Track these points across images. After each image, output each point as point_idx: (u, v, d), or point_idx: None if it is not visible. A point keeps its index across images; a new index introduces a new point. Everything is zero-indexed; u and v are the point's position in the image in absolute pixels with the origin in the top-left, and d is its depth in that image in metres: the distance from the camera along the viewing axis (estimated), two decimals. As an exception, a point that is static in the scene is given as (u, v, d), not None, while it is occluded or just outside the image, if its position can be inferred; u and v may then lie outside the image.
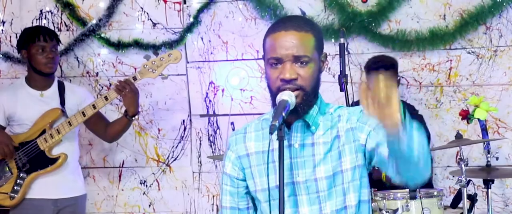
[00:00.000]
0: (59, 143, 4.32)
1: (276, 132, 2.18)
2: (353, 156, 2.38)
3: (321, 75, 2.43)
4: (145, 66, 4.29)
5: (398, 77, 4.64)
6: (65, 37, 5.18)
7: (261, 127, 2.48)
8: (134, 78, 4.30)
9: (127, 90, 4.24)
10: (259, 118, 2.52)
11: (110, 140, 4.66)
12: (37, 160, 4.29)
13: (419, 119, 4.65)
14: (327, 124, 2.42)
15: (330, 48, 4.83)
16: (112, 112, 5.10)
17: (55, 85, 4.43)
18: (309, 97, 2.35)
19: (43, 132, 4.30)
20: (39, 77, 4.38)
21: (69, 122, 4.26)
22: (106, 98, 4.27)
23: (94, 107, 4.26)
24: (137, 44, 5.11)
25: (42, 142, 4.28)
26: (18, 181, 4.30)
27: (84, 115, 4.26)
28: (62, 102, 4.38)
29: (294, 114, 2.31)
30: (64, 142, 4.33)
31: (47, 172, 4.30)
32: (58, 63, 4.47)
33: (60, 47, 5.14)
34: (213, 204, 5.13)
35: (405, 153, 2.11)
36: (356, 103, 4.63)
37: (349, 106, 4.03)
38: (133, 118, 4.36)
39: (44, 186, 4.32)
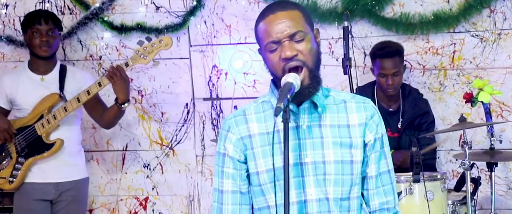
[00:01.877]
0: (57, 128, 4.33)
1: (281, 114, 2.18)
2: (362, 150, 2.43)
3: (325, 59, 2.45)
4: (137, 52, 4.29)
5: (404, 63, 4.61)
6: (68, 21, 5.18)
7: (262, 109, 2.48)
8: (126, 64, 4.29)
9: (117, 77, 4.23)
10: (256, 100, 2.53)
11: (106, 127, 4.65)
12: (34, 145, 4.32)
13: (424, 103, 4.65)
14: (332, 107, 2.44)
15: (334, 31, 4.82)
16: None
17: (56, 70, 4.43)
18: (315, 74, 2.37)
19: (41, 117, 4.31)
20: (40, 62, 4.38)
21: (65, 107, 4.27)
22: (99, 84, 4.26)
23: (88, 93, 4.26)
24: (140, 27, 5.10)
25: (40, 127, 4.29)
26: (17, 165, 4.33)
27: (78, 101, 4.26)
28: (62, 87, 4.38)
29: (304, 95, 2.34)
30: (62, 126, 4.34)
31: (44, 157, 4.32)
32: (57, 47, 4.44)
33: (63, 30, 5.15)
34: (216, 188, 5.13)
35: None
36: (360, 89, 4.63)
37: (352, 90, 4.03)
38: (123, 106, 4.34)
39: (44, 170, 4.35)
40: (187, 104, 5.16)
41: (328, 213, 2.39)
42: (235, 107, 5.03)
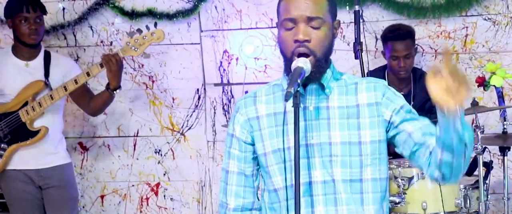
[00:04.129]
0: (41, 116, 4.31)
1: (291, 99, 2.17)
2: (375, 130, 2.38)
3: (336, 43, 2.43)
4: (128, 43, 4.27)
5: (415, 46, 4.60)
6: (79, 6, 5.18)
7: (272, 91, 2.48)
8: (117, 55, 4.28)
9: (113, 63, 4.22)
10: (269, 84, 2.53)
11: (93, 114, 4.64)
12: (18, 131, 4.29)
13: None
14: (342, 89, 2.42)
15: (345, 16, 4.79)
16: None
17: (41, 56, 4.40)
18: (320, 63, 2.35)
19: (26, 104, 4.29)
20: (25, 48, 4.34)
21: (51, 95, 4.25)
22: (88, 74, 4.24)
23: (76, 82, 4.24)
24: (151, 13, 5.09)
25: (24, 114, 4.27)
26: None
27: (65, 89, 4.25)
28: (47, 73, 4.36)
29: (307, 79, 2.32)
30: (46, 114, 4.32)
31: (27, 144, 4.29)
32: (43, 34, 4.42)
33: (74, 16, 5.17)
34: (228, 173, 5.14)
35: (456, 140, 2.14)
36: (371, 72, 4.62)
37: (363, 74, 4.01)
38: (115, 92, 4.33)
39: (25, 158, 4.32)
40: (198, 90, 5.16)
41: (333, 194, 2.37)
42: (246, 92, 5.02)
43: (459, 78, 2.01)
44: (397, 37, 4.48)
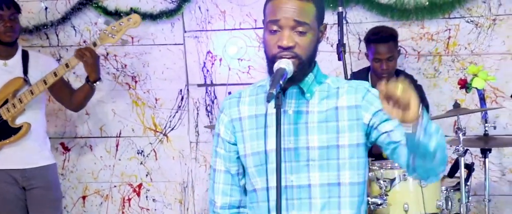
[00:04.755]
0: (23, 112, 4.28)
1: (273, 100, 2.17)
2: (353, 134, 2.37)
3: (319, 45, 2.42)
4: (105, 31, 4.27)
5: (398, 48, 4.61)
6: (61, 6, 5.16)
7: (256, 93, 2.48)
8: (94, 44, 4.26)
9: (87, 55, 4.21)
10: (255, 84, 2.52)
11: (75, 109, 4.61)
12: (0, 130, 4.27)
13: (418, 89, 4.64)
14: (323, 93, 2.41)
15: (329, 17, 4.77)
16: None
17: (19, 54, 4.37)
18: (304, 66, 2.34)
19: (6, 101, 4.26)
20: (2, 47, 4.31)
21: (31, 90, 4.22)
22: (67, 65, 4.23)
23: (55, 75, 4.22)
24: (135, 13, 5.06)
25: (5, 111, 4.25)
26: None
27: (45, 83, 4.23)
28: (26, 71, 4.33)
29: (288, 81, 2.30)
30: (27, 111, 4.29)
31: (11, 142, 4.26)
32: (19, 31, 4.39)
33: (57, 16, 5.14)
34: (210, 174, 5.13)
35: (422, 149, 2.17)
36: (355, 74, 4.62)
37: (347, 75, 4.01)
38: (95, 84, 4.32)
39: (10, 157, 4.29)
40: (181, 90, 5.15)
41: (308, 199, 2.36)
42: (230, 93, 5.02)
43: (407, 94, 2.04)
44: (380, 39, 4.48)
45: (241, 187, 2.54)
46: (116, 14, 5.04)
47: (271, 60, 2.32)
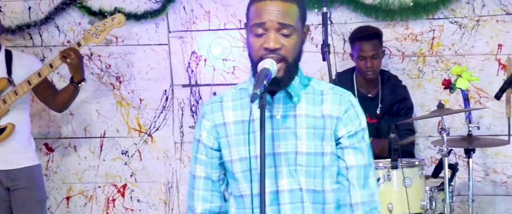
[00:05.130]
0: (7, 113, 4.25)
1: (257, 101, 2.16)
2: (333, 142, 2.39)
3: (304, 46, 2.42)
4: (89, 31, 4.25)
5: (383, 48, 4.63)
6: (45, 6, 5.14)
7: (239, 96, 2.44)
8: (79, 44, 4.25)
9: (72, 56, 4.19)
10: (235, 87, 2.50)
11: (59, 109, 4.60)
12: None
13: (403, 89, 4.66)
14: (309, 97, 2.40)
15: (313, 17, 4.80)
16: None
17: (2, 54, 4.34)
18: (291, 69, 2.34)
19: None
20: None
21: (15, 91, 4.21)
22: (51, 65, 4.22)
23: (39, 75, 4.21)
24: (119, 13, 5.04)
25: None
26: None
27: (29, 84, 4.21)
28: (9, 71, 4.30)
29: (276, 85, 2.30)
30: (12, 111, 4.27)
31: None
32: (1, 31, 4.37)
33: (40, 16, 5.11)
34: (195, 174, 5.12)
35: None
36: (340, 74, 4.63)
37: (331, 76, 4.01)
38: (79, 85, 4.31)
39: None
40: (165, 91, 5.13)
41: (300, 203, 2.37)
42: (214, 94, 5.00)
43: None
44: (365, 37, 4.52)
45: (221, 193, 2.51)
46: (100, 14, 5.02)
47: (256, 63, 2.31)
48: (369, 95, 4.65)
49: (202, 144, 2.47)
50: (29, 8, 5.16)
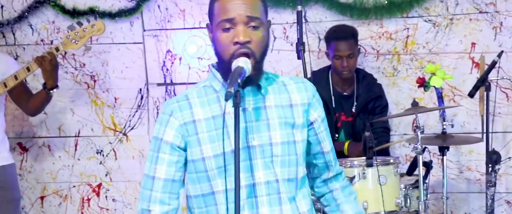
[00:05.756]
0: None
1: (231, 99, 2.17)
2: (304, 129, 2.44)
3: (279, 43, 2.44)
4: (68, 37, 4.22)
5: (358, 47, 4.64)
6: (18, 4, 5.09)
7: (204, 94, 2.43)
8: (57, 49, 4.22)
9: (47, 62, 4.16)
10: (197, 85, 2.48)
11: (32, 113, 4.57)
12: None
13: (378, 87, 4.68)
14: (274, 87, 2.44)
15: (289, 16, 4.81)
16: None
17: None
18: (260, 66, 2.36)
19: None
20: None
21: None
22: (28, 69, 4.18)
23: (16, 78, 4.18)
24: (93, 12, 5.02)
25: None
26: None
27: (5, 86, 4.18)
28: None
29: (247, 82, 2.30)
30: None
31: None
32: None
33: (13, 14, 5.07)
34: (171, 173, 5.10)
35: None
36: (315, 73, 4.64)
37: (306, 74, 4.02)
38: (51, 91, 4.28)
39: None
40: (140, 89, 5.11)
41: (277, 194, 2.38)
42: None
43: None
44: (341, 37, 4.52)
45: (179, 195, 2.46)
46: (74, 13, 5.00)
47: (228, 60, 2.31)
48: (345, 93, 4.66)
49: (167, 143, 2.40)
50: (2, 6, 5.11)
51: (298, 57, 4.03)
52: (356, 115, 4.61)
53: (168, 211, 2.44)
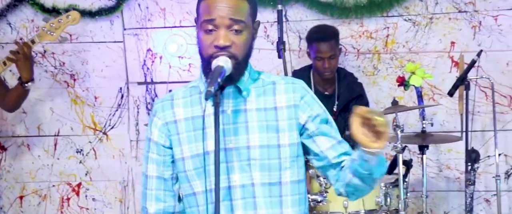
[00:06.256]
0: None
1: (211, 98, 2.15)
2: (293, 133, 2.38)
3: (260, 42, 2.42)
4: (43, 28, 4.20)
5: (340, 47, 4.64)
6: (-3, 3, 5.05)
7: (189, 94, 2.43)
8: (33, 41, 4.20)
9: (20, 54, 4.13)
10: (186, 85, 2.49)
11: (9, 109, 4.53)
12: None
13: (358, 86, 4.69)
14: (259, 90, 2.40)
15: (269, 15, 4.80)
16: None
17: None
18: (241, 66, 2.33)
19: None
20: None
21: None
22: (4, 63, 4.16)
23: None
24: (74, 10, 4.98)
25: None
26: None
27: None
28: None
29: (226, 81, 2.28)
30: None
31: None
32: None
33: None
34: (151, 172, 5.08)
35: (367, 173, 2.27)
36: (297, 72, 4.64)
37: (287, 73, 4.03)
38: (27, 85, 4.24)
39: None
40: (121, 88, 5.09)
41: (252, 198, 2.35)
42: (170, 91, 4.98)
43: (386, 129, 2.11)
44: (322, 38, 4.51)
45: (175, 193, 2.48)
46: (54, 11, 4.96)
47: (207, 60, 2.30)
48: (326, 93, 4.67)
49: (153, 143, 2.45)
50: (-20, 5, 5.08)
51: (279, 56, 4.03)
52: (338, 114, 4.61)
53: (165, 208, 2.47)
